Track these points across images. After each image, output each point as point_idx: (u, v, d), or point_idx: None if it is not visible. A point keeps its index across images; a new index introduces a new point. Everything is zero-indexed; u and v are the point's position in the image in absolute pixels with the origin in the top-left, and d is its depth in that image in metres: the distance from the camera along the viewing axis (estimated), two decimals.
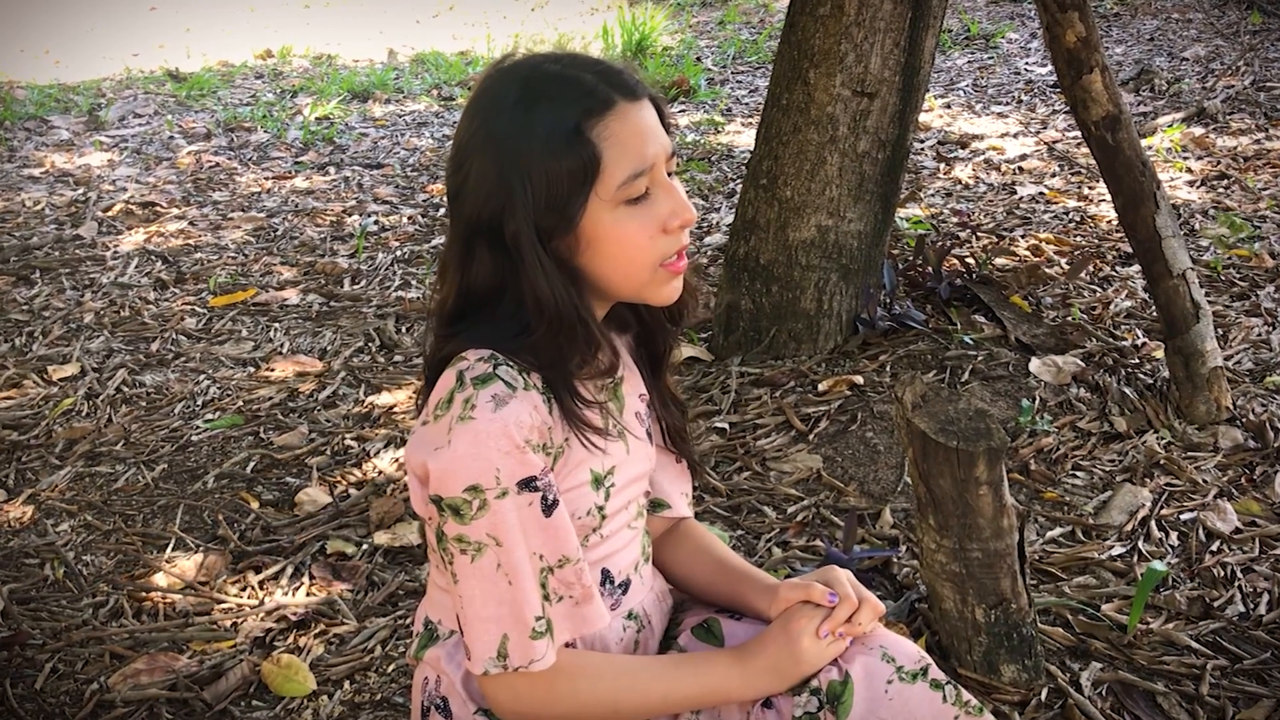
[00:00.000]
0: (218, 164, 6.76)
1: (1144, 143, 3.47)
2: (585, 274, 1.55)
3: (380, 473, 3.32)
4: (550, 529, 1.50)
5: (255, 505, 3.20)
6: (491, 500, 1.45)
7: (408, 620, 2.68)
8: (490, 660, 1.50)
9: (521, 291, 1.50)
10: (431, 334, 1.61)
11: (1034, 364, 3.53)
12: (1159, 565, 2.52)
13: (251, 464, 3.40)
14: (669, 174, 1.56)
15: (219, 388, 3.91)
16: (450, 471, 1.46)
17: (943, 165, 6.13)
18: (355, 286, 4.81)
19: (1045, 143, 6.39)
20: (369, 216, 5.68)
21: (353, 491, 3.24)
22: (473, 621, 1.51)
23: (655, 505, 1.87)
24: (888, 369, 3.59)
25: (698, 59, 9.15)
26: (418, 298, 4.61)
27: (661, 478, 1.86)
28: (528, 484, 1.47)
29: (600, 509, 1.63)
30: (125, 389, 3.92)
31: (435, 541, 1.54)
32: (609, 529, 1.66)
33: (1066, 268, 4.39)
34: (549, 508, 1.49)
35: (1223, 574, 2.70)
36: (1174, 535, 2.85)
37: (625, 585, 1.71)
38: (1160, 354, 3.52)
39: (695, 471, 1.95)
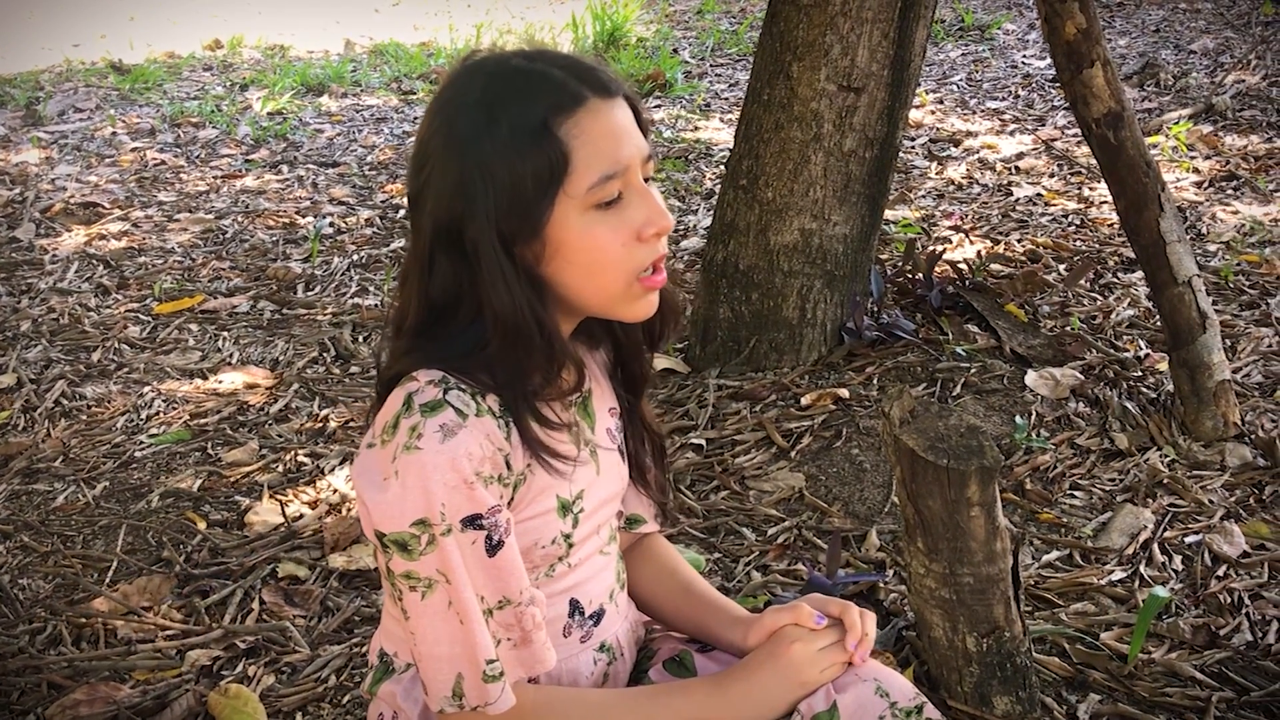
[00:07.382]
0: (163, 162, 6.74)
1: (1148, 141, 3.49)
2: (552, 285, 1.53)
3: (335, 491, 3.32)
4: (493, 569, 1.49)
5: (202, 526, 3.20)
6: (439, 536, 1.45)
7: (364, 649, 2.68)
8: (446, 699, 1.51)
9: (479, 302, 1.49)
10: (386, 347, 1.60)
11: (1030, 377, 3.55)
12: (1162, 591, 2.53)
13: (198, 482, 3.40)
14: (645, 179, 1.54)
15: (164, 400, 3.90)
16: (394, 507, 1.45)
17: (934, 165, 6.16)
18: (309, 293, 4.81)
19: (1043, 141, 6.42)
20: (324, 218, 5.67)
21: (306, 511, 3.24)
22: (426, 659, 1.51)
23: (630, 522, 1.88)
24: (875, 382, 3.60)
25: (674, 51, 9.17)
26: (375, 305, 4.61)
27: (629, 492, 1.85)
28: (472, 522, 1.46)
29: (567, 537, 1.62)
30: (64, 401, 3.91)
31: (385, 575, 1.54)
32: (577, 557, 1.66)
33: (1065, 274, 4.41)
34: (493, 548, 1.48)
35: (1229, 600, 2.72)
36: (1178, 559, 2.87)
37: (598, 616, 1.71)
38: (1164, 366, 3.54)
39: (664, 514, 1.94)
